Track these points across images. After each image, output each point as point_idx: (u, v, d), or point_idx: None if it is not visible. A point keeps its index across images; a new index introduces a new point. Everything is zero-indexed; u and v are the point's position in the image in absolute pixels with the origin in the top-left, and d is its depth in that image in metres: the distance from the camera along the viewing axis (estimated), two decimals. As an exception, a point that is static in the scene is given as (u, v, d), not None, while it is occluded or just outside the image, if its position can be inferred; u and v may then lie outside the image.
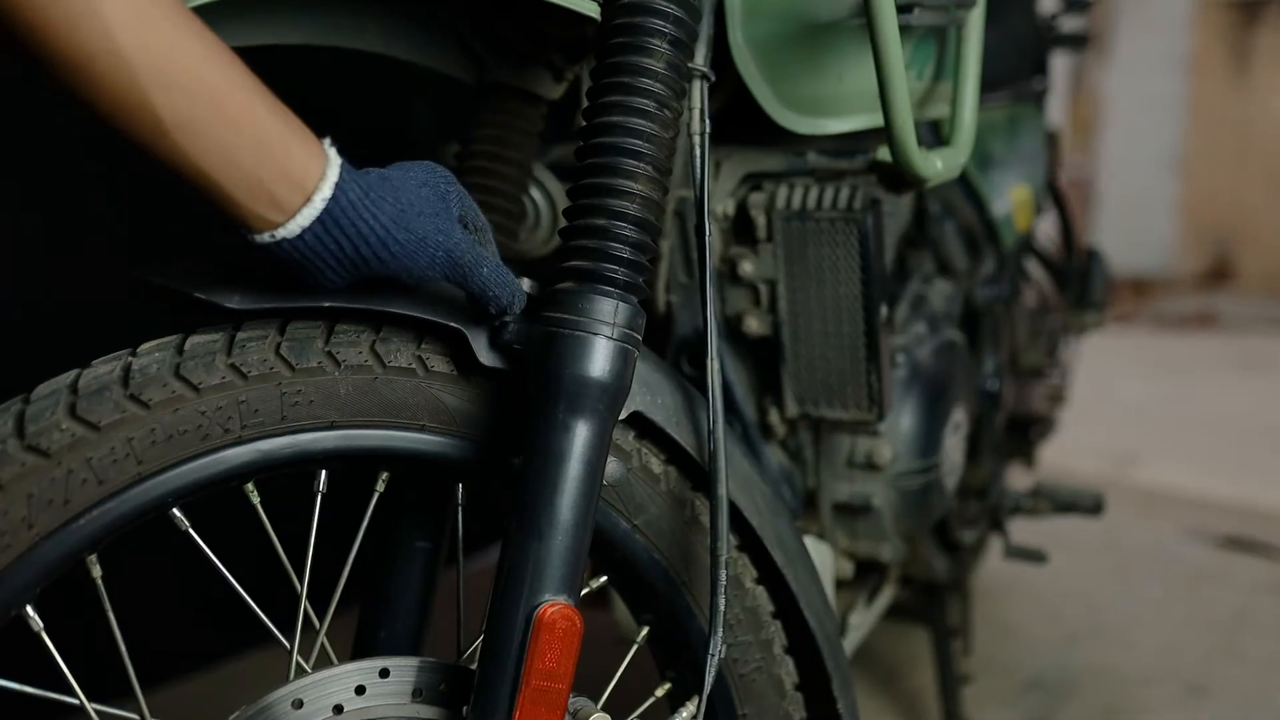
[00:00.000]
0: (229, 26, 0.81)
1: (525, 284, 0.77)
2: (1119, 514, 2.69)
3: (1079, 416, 2.62)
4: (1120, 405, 4.27)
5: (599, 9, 0.80)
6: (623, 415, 0.79)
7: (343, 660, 0.77)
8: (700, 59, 0.87)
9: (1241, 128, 8.08)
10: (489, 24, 0.98)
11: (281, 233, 0.65)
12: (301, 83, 1.38)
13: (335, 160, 0.67)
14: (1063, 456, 3.15)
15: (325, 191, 0.65)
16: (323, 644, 0.79)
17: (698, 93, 0.87)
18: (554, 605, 0.71)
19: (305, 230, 0.65)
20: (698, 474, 0.88)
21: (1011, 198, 1.63)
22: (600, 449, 0.74)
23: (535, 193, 1.14)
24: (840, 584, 1.34)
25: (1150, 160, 8.02)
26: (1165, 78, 7.94)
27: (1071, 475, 3.05)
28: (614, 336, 0.74)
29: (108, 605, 0.70)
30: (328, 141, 0.68)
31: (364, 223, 0.67)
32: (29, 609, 0.68)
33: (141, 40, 0.58)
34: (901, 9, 0.95)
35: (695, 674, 0.85)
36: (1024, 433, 1.98)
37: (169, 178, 0.64)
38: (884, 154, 1.01)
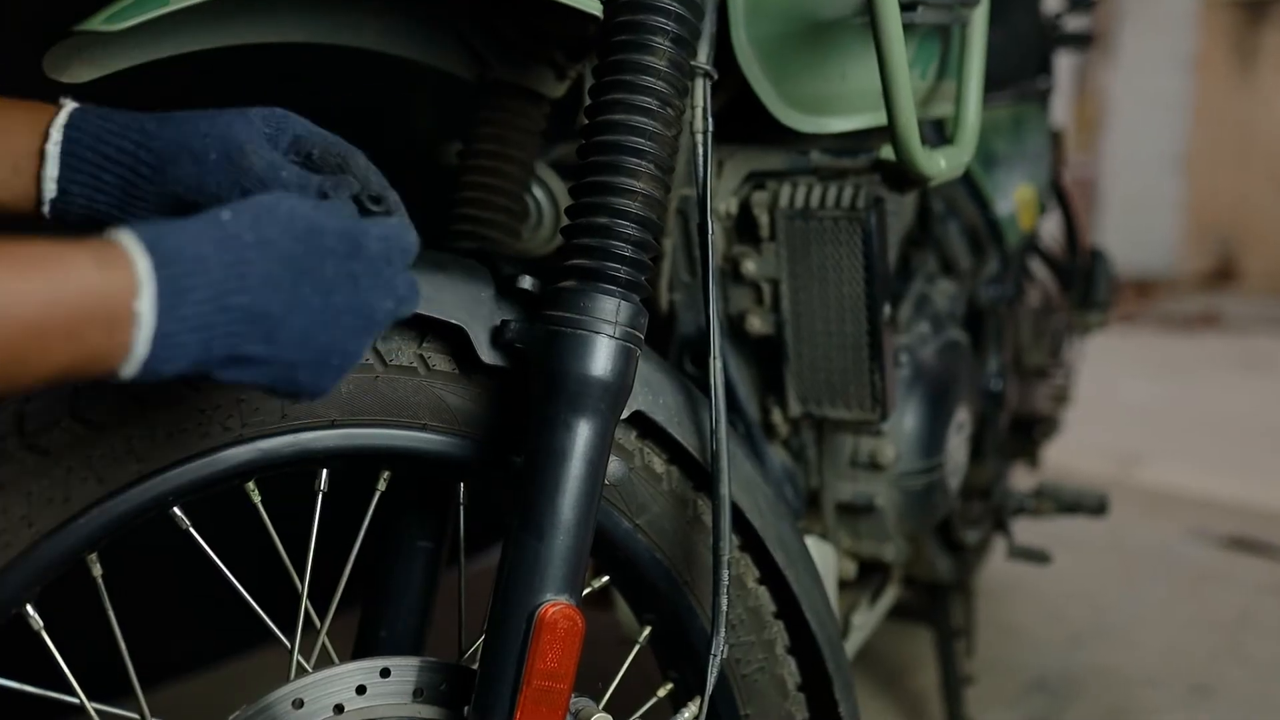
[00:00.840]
0: (229, 25, 0.81)
1: (527, 281, 0.77)
2: (1123, 514, 2.68)
3: (1083, 417, 2.61)
4: (1124, 406, 4.26)
5: (601, 6, 0.79)
6: (625, 414, 0.79)
7: (344, 660, 0.76)
8: (703, 57, 0.87)
9: (1246, 127, 8.06)
10: (490, 22, 0.98)
11: (140, 352, 0.51)
12: (301, 82, 1.38)
13: (131, 243, 0.51)
14: (1067, 457, 3.14)
15: (147, 291, 0.50)
16: (324, 643, 0.79)
17: (700, 91, 0.86)
18: (555, 605, 0.71)
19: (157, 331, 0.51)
20: (700, 474, 0.88)
21: (1015, 197, 1.62)
22: (602, 448, 0.74)
23: (538, 191, 1.13)
24: (843, 584, 1.33)
25: (1154, 160, 8.00)
26: (1170, 77, 7.93)
27: (1075, 476, 3.05)
28: (616, 335, 0.73)
29: (108, 604, 0.70)
30: (124, 234, 0.51)
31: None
32: (29, 608, 0.67)
33: None
34: (904, 7, 0.95)
35: (697, 674, 0.85)
36: (1028, 433, 1.98)
37: None
38: (887, 152, 1.01)
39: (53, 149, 0.62)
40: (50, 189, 0.63)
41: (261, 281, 0.54)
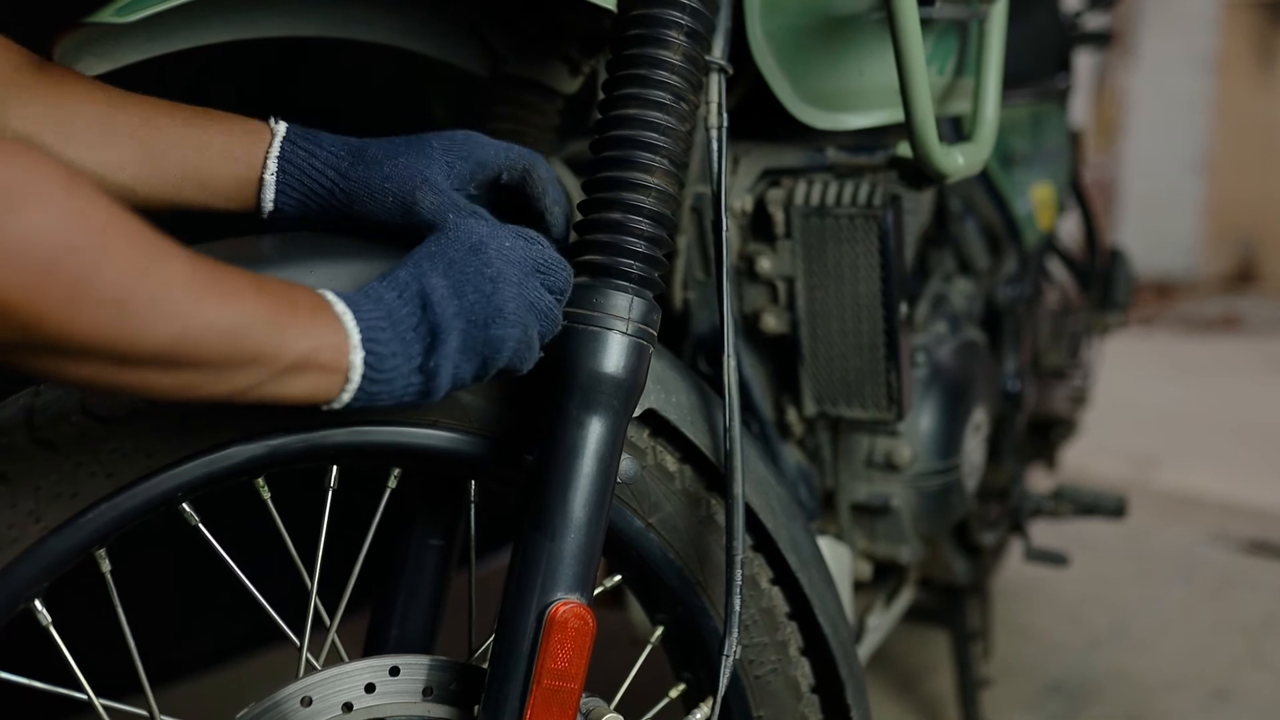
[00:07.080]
0: (241, 18, 0.80)
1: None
2: (1142, 518, 2.66)
3: (1101, 419, 2.59)
4: (1144, 408, 4.23)
5: (615, 1, 0.79)
6: (637, 412, 0.78)
7: (354, 659, 0.76)
8: (718, 52, 0.86)
9: (1267, 128, 8.00)
10: (504, 17, 0.98)
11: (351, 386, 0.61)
12: (315, 76, 1.38)
13: (341, 307, 0.61)
14: (1085, 459, 3.12)
15: (354, 337, 0.61)
16: (333, 642, 0.78)
17: (715, 86, 0.85)
18: (566, 604, 0.70)
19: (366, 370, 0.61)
20: (713, 473, 0.87)
21: (1034, 196, 1.61)
22: (614, 446, 0.73)
23: (551, 188, 1.12)
24: (859, 586, 1.32)
25: (1174, 161, 7.95)
26: (1190, 78, 7.87)
27: (1094, 478, 3.02)
28: (629, 332, 0.73)
29: (116, 600, 0.70)
30: (332, 298, 0.61)
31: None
32: (37, 603, 0.67)
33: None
34: (922, 2, 0.93)
35: (710, 675, 0.84)
36: (1046, 434, 1.96)
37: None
38: (905, 149, 1.00)
39: (269, 179, 0.72)
40: (268, 206, 0.72)
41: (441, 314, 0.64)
